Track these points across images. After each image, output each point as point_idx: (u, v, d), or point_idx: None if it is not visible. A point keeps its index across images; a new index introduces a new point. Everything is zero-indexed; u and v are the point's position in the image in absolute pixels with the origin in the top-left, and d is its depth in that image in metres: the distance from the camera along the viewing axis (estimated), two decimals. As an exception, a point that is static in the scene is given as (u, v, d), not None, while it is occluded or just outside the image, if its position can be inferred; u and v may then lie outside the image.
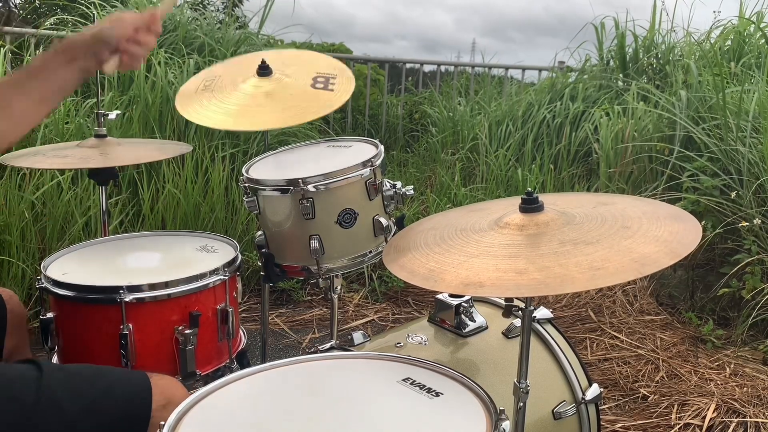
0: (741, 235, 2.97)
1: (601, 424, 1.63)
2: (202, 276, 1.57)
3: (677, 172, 3.39)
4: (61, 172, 2.91)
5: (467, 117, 5.10)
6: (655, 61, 4.71)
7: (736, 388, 2.43)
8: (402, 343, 1.50)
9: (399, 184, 1.74)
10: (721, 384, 2.47)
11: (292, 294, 3.28)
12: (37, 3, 6.16)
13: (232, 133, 3.71)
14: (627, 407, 2.41)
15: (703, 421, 2.25)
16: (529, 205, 1.16)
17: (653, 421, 2.29)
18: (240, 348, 1.72)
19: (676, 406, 2.35)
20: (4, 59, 3.39)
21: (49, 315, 1.57)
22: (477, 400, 1.07)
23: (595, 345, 2.82)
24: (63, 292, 1.52)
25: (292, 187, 1.61)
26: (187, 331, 1.54)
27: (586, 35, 6.70)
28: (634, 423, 2.28)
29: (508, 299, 1.19)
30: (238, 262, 1.69)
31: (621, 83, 4.64)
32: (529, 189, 1.48)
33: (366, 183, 1.66)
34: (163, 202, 3.14)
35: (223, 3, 6.55)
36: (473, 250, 1.12)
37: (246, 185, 1.70)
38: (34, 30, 4.17)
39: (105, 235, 2.03)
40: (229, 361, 1.66)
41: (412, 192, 1.79)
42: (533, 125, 4.58)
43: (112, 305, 1.49)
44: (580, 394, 1.50)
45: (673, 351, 2.74)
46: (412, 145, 5.78)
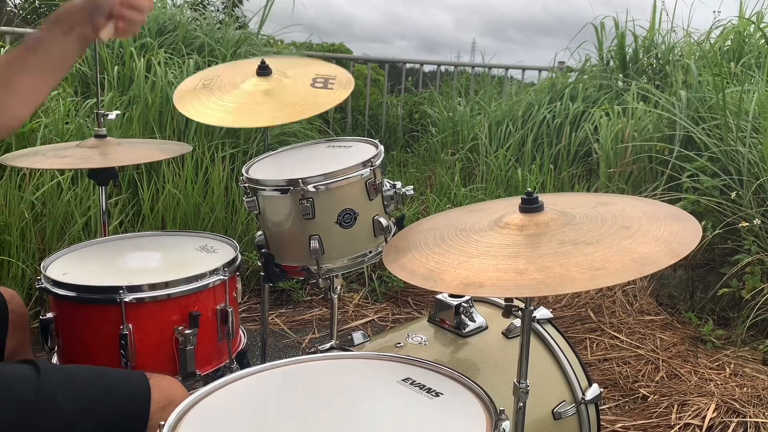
0: (741, 235, 2.97)
1: (601, 424, 1.63)
2: (202, 276, 1.57)
3: (677, 172, 3.39)
4: (61, 172, 2.91)
5: (467, 117, 5.10)
6: (655, 61, 4.71)
7: (736, 388, 2.43)
8: (402, 343, 1.50)
9: (399, 184, 1.75)
10: (721, 384, 2.47)
11: (292, 294, 3.28)
12: (37, 3, 6.16)
13: (232, 134, 3.71)
14: (627, 407, 2.40)
15: (703, 421, 2.25)
16: (529, 205, 1.16)
17: (653, 421, 2.29)
18: (240, 348, 1.72)
19: (676, 406, 2.35)
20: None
21: (49, 315, 1.57)
22: (477, 400, 1.07)
23: (595, 345, 2.82)
24: (63, 292, 1.52)
25: (292, 187, 1.62)
26: (187, 331, 1.54)
27: (586, 35, 6.70)
28: (634, 423, 2.28)
29: (508, 299, 1.19)
30: (238, 262, 1.69)
31: (621, 83, 4.64)
32: (529, 189, 1.48)
33: (366, 183, 1.66)
34: (163, 202, 3.14)
35: (223, 3, 6.56)
36: (473, 250, 1.12)
37: (246, 185, 1.70)
38: (34, 30, 4.16)
39: (105, 235, 2.03)
40: (229, 361, 1.66)
41: (412, 192, 1.79)
42: (533, 125, 4.58)
43: (112, 305, 1.49)
44: (580, 394, 1.50)
45: (673, 351, 2.74)
46: (412, 145, 5.78)
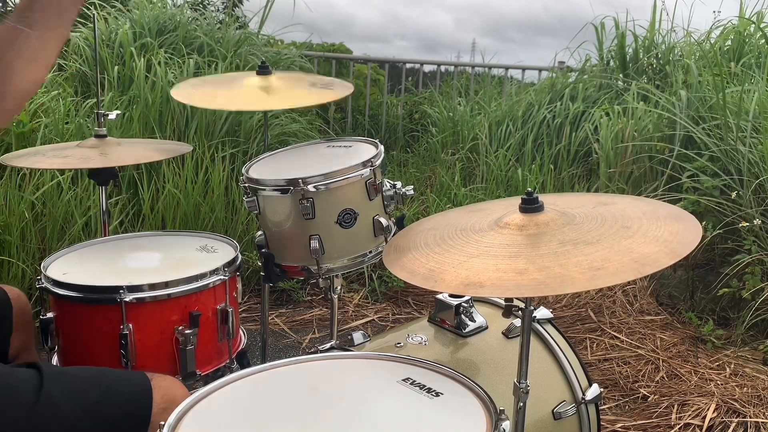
0: (741, 235, 2.97)
1: (601, 424, 1.63)
2: (202, 276, 1.58)
3: (677, 172, 3.39)
4: (61, 172, 2.91)
5: (467, 117, 5.10)
6: (655, 61, 4.71)
7: (736, 388, 2.43)
8: (402, 343, 1.50)
9: (399, 184, 1.75)
10: (721, 384, 2.47)
11: (292, 294, 3.28)
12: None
13: (232, 133, 3.71)
14: (627, 407, 2.40)
15: (703, 421, 2.25)
16: (529, 205, 1.16)
17: (653, 421, 2.29)
18: (240, 348, 1.72)
19: (676, 406, 2.35)
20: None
21: (49, 315, 1.57)
22: (477, 400, 1.07)
23: (595, 345, 2.82)
24: (63, 292, 1.52)
25: (292, 187, 1.62)
26: (187, 331, 1.54)
27: (586, 35, 6.70)
28: (634, 423, 2.28)
29: (508, 299, 1.19)
30: (238, 262, 1.69)
31: (621, 83, 4.64)
32: (529, 189, 1.48)
33: (366, 183, 1.66)
34: (163, 202, 3.14)
35: (223, 3, 6.56)
36: (473, 250, 1.12)
37: (246, 185, 1.70)
38: None
39: (105, 235, 2.03)
40: (229, 361, 1.67)
41: (412, 192, 1.79)
42: (533, 125, 4.58)
43: (112, 305, 1.49)
44: (580, 394, 1.50)
45: (673, 351, 2.74)
46: (412, 145, 5.77)
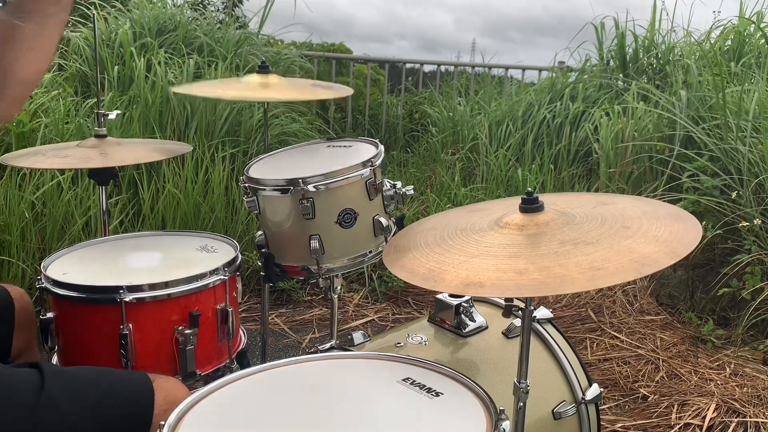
0: (741, 235, 2.97)
1: (601, 424, 1.63)
2: (202, 276, 1.57)
3: (677, 172, 3.39)
4: (61, 172, 2.91)
5: (467, 117, 5.10)
6: (655, 61, 4.71)
7: (736, 388, 2.43)
8: (402, 343, 1.50)
9: (399, 184, 1.75)
10: (721, 384, 2.47)
11: (292, 294, 3.28)
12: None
13: (232, 133, 3.71)
14: (627, 407, 2.40)
15: (703, 421, 2.25)
16: (529, 205, 1.16)
17: (653, 421, 2.29)
18: (240, 348, 1.72)
19: (676, 406, 2.35)
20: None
21: (49, 315, 1.57)
22: (477, 400, 1.07)
23: (595, 345, 2.82)
24: (63, 292, 1.52)
25: (292, 187, 1.62)
26: (187, 331, 1.54)
27: (586, 35, 6.70)
28: (634, 423, 2.28)
29: (508, 299, 1.19)
30: (238, 262, 1.69)
31: (621, 83, 4.64)
32: (529, 189, 1.48)
33: (366, 183, 1.66)
34: (163, 202, 3.14)
35: (223, 3, 6.56)
36: (473, 250, 1.11)
37: (246, 185, 1.70)
38: None
39: (105, 235, 2.03)
40: (229, 361, 1.67)
41: (412, 192, 1.79)
42: (533, 125, 4.58)
43: (112, 305, 1.49)
44: (580, 394, 1.50)
45: (673, 351, 2.74)
46: (412, 145, 5.77)
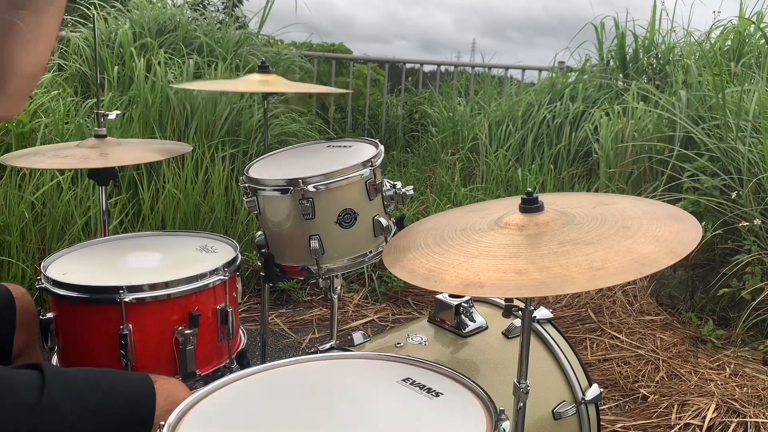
0: (741, 235, 2.97)
1: (601, 424, 1.63)
2: (202, 276, 1.57)
3: (677, 173, 3.39)
4: (61, 172, 2.91)
5: (467, 117, 5.10)
6: (655, 61, 4.71)
7: (736, 388, 2.43)
8: (402, 343, 1.50)
9: (399, 184, 1.75)
10: (721, 384, 2.47)
11: (292, 294, 3.28)
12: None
13: (232, 133, 3.71)
14: (627, 407, 2.40)
15: (703, 422, 2.25)
16: (529, 205, 1.16)
17: (653, 421, 2.29)
18: (240, 348, 1.72)
19: (676, 406, 2.35)
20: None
21: (49, 315, 1.56)
22: (477, 400, 1.07)
23: (595, 345, 2.82)
24: (63, 292, 1.52)
25: (292, 187, 1.62)
26: (187, 331, 1.54)
27: (586, 35, 6.70)
28: (634, 423, 2.28)
29: (508, 299, 1.19)
30: (238, 262, 1.69)
31: (621, 83, 4.64)
32: (529, 189, 1.48)
33: (366, 183, 1.66)
34: (163, 202, 3.14)
35: (223, 3, 6.56)
36: (473, 250, 1.11)
37: (246, 185, 1.70)
38: None
39: (105, 235, 2.03)
40: (229, 361, 1.66)
41: (412, 192, 1.79)
42: (533, 125, 4.58)
43: (112, 305, 1.49)
44: (580, 394, 1.50)
45: (673, 351, 2.74)
46: (412, 145, 5.78)
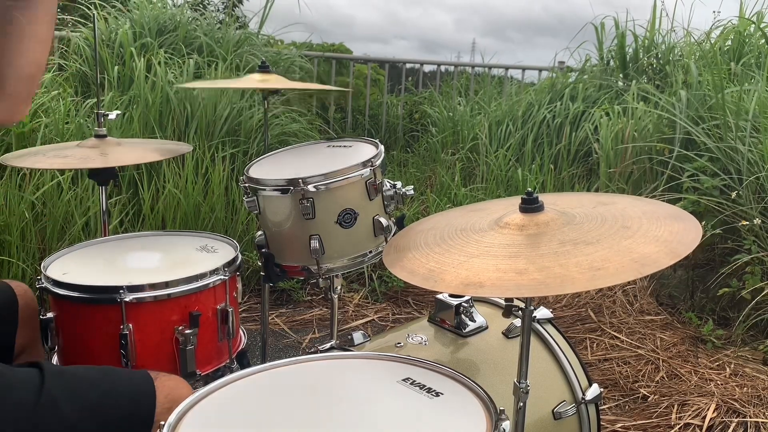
0: (741, 235, 2.97)
1: (601, 424, 1.63)
2: (202, 276, 1.57)
3: (677, 172, 3.39)
4: (61, 172, 2.91)
5: (467, 117, 5.10)
6: (655, 61, 4.71)
7: (736, 388, 2.43)
8: (402, 343, 1.50)
9: (399, 184, 1.75)
10: (721, 384, 2.47)
11: (292, 294, 3.28)
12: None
13: (232, 133, 3.71)
14: (627, 407, 2.40)
15: (703, 421, 2.25)
16: (529, 205, 1.16)
17: (653, 421, 2.29)
18: (240, 348, 1.72)
19: (676, 406, 2.35)
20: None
21: (49, 315, 1.56)
22: (477, 400, 1.07)
23: (595, 345, 2.82)
24: (63, 292, 1.52)
25: (292, 187, 1.62)
26: (187, 331, 1.54)
27: (586, 35, 6.70)
28: (634, 423, 2.28)
29: (508, 299, 1.19)
30: (238, 262, 1.69)
31: (621, 83, 4.64)
32: (529, 189, 1.48)
33: (366, 183, 1.66)
34: (163, 202, 3.14)
35: (223, 3, 6.56)
36: (473, 250, 1.11)
37: (246, 185, 1.70)
38: None
39: (105, 235, 2.03)
40: (229, 361, 1.66)
41: (412, 192, 1.79)
42: (533, 125, 4.58)
43: (112, 305, 1.49)
44: (580, 394, 1.50)
45: (673, 351, 2.74)
46: (412, 145, 5.78)
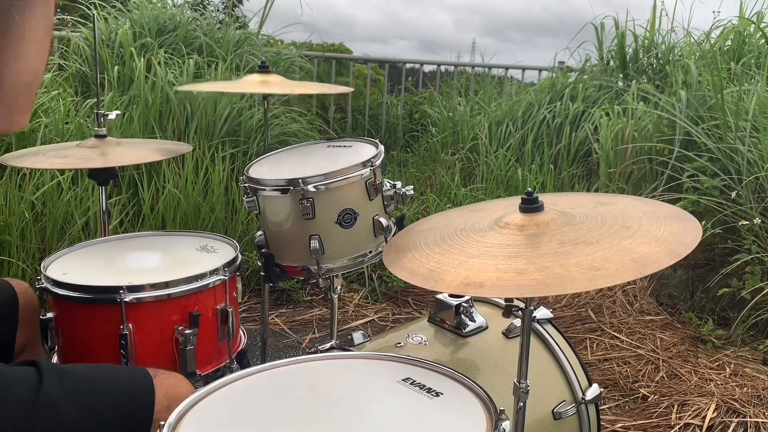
0: (741, 235, 2.97)
1: (601, 424, 1.63)
2: (202, 276, 1.57)
3: (677, 173, 3.39)
4: (61, 172, 2.91)
5: (467, 117, 5.10)
6: (655, 61, 4.71)
7: (736, 388, 2.43)
8: (402, 343, 1.50)
9: (399, 184, 1.75)
10: (721, 384, 2.47)
11: (292, 294, 3.28)
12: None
13: (232, 133, 3.71)
14: (627, 407, 2.40)
15: (703, 421, 2.25)
16: (529, 205, 1.16)
17: (653, 421, 2.29)
18: (240, 348, 1.72)
19: (676, 406, 2.35)
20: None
21: (49, 315, 1.56)
22: (477, 400, 1.07)
23: (595, 345, 2.82)
24: (63, 292, 1.52)
25: (292, 187, 1.62)
26: (187, 331, 1.54)
27: (586, 35, 6.70)
28: (634, 423, 2.28)
29: (508, 299, 1.19)
30: (238, 262, 1.69)
31: (621, 83, 4.64)
32: (529, 189, 1.48)
33: (366, 183, 1.66)
34: (163, 202, 3.14)
35: (223, 3, 6.56)
36: (473, 250, 1.11)
37: (246, 185, 1.70)
38: None
39: (105, 235, 2.03)
40: (229, 361, 1.66)
41: (412, 192, 1.79)
42: (533, 125, 4.58)
43: (112, 305, 1.49)
44: (580, 394, 1.50)
45: (673, 351, 2.74)
46: (412, 145, 5.78)
